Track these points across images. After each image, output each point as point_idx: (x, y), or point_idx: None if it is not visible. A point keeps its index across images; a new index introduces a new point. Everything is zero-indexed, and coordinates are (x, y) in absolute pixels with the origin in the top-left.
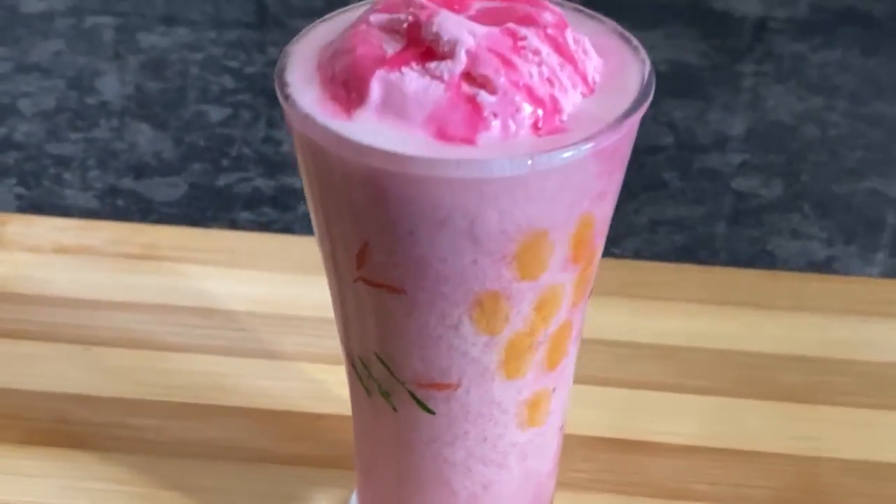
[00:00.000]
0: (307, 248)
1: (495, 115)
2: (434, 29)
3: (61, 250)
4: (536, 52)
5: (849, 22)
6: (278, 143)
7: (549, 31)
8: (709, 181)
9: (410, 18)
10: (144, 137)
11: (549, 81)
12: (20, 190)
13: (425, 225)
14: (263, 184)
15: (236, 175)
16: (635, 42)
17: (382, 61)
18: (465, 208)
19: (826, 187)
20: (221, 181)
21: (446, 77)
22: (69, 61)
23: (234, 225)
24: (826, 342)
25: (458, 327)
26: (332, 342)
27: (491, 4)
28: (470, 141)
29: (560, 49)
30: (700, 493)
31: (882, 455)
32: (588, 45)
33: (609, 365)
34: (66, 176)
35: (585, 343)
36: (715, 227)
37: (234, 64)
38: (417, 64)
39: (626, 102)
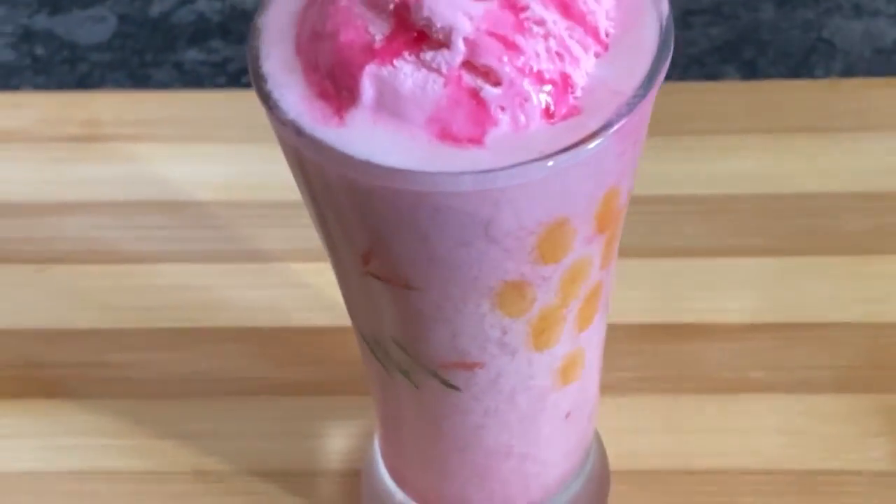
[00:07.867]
0: None
1: (503, 109)
2: (425, 13)
3: None
4: (541, 23)
5: None
6: None
7: None
8: None
9: None
10: None
11: (559, 56)
12: None
13: (436, 231)
14: (207, 7)
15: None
16: None
17: (372, 52)
18: (478, 214)
19: None
20: (156, 8)
21: (444, 70)
22: None
23: (181, 70)
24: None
25: (480, 316)
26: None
27: None
28: (478, 141)
29: (567, 9)
30: (758, 383)
31: None
32: None
33: (647, 229)
34: None
35: None
36: (761, 13)
37: None
38: (411, 54)
39: (644, 62)
